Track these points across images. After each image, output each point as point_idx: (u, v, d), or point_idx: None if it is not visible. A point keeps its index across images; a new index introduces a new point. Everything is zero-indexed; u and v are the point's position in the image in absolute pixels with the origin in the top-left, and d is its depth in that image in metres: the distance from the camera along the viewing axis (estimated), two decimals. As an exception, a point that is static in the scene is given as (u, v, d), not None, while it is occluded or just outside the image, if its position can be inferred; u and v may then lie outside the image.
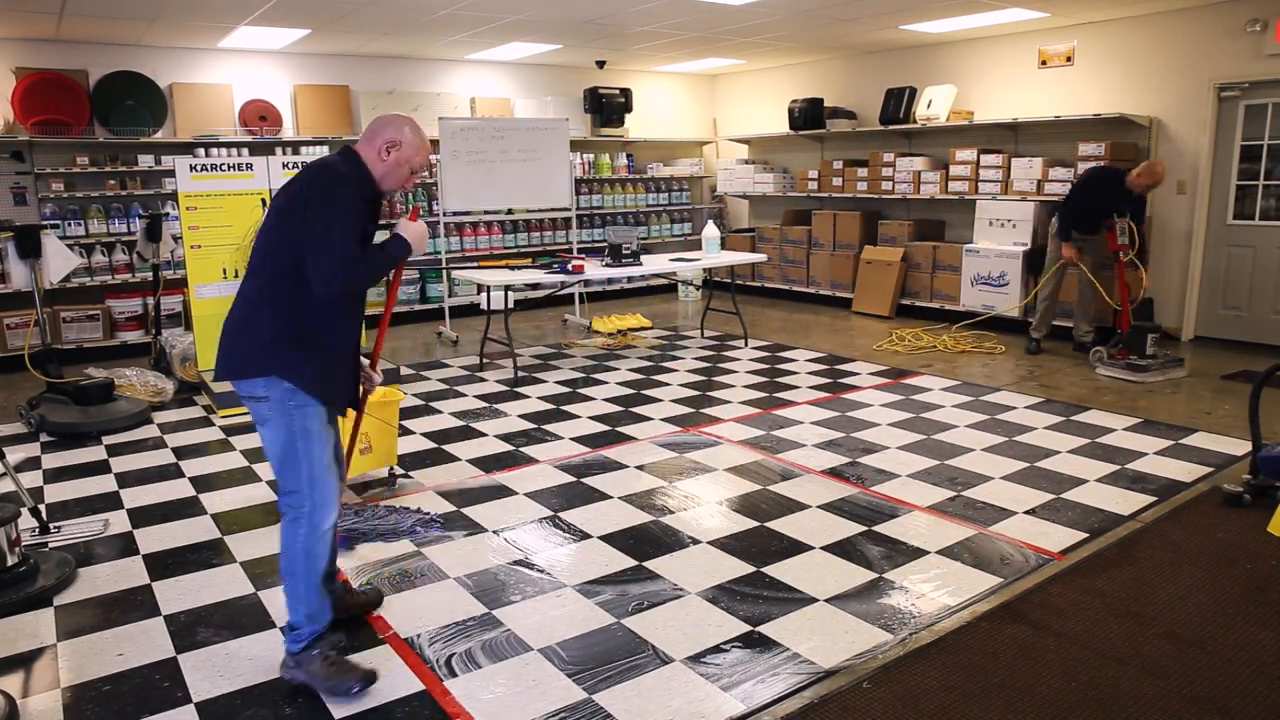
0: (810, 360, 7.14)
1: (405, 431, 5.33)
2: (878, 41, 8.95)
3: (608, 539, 3.75)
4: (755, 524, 3.88)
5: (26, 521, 3.79)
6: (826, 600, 3.19)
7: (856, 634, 2.95)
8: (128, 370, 6.20)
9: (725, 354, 7.45)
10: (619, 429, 5.35)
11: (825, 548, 3.63)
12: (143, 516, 4.11)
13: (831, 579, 3.35)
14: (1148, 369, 6.25)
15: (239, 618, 3.14)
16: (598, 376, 6.71)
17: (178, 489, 4.48)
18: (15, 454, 4.86)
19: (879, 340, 7.86)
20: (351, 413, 4.06)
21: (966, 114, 8.69)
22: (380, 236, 2.79)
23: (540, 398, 6.11)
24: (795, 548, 3.63)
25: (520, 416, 5.65)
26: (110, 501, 4.31)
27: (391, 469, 4.43)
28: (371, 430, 4.19)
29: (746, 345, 7.76)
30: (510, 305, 7.49)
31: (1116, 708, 2.54)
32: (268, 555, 3.65)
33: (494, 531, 3.85)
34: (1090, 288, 7.00)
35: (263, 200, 6.19)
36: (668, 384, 6.44)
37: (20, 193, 7.51)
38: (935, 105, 8.79)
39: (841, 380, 6.43)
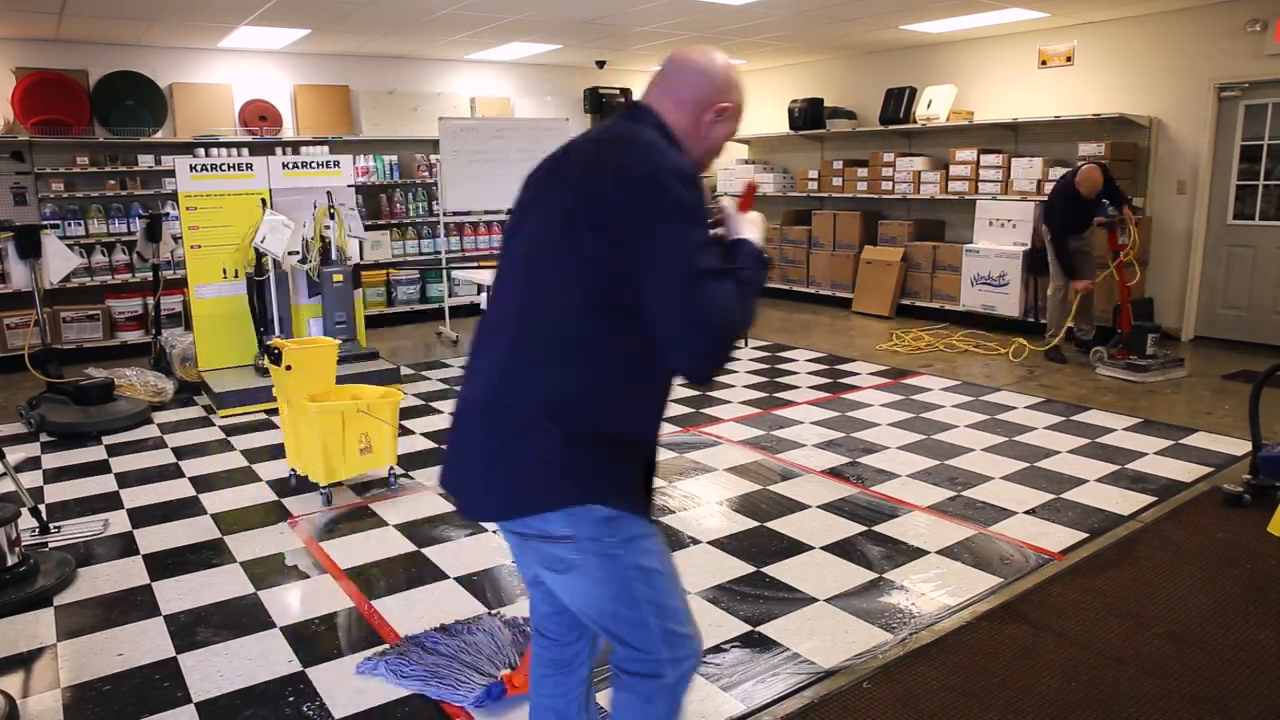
0: (810, 360, 7.14)
1: (405, 431, 5.33)
2: (878, 41, 8.95)
3: (608, 539, 3.74)
4: (755, 524, 3.88)
5: (26, 521, 3.78)
6: (826, 600, 3.19)
7: (856, 634, 2.95)
8: (128, 370, 6.20)
9: (725, 354, 7.44)
10: (619, 429, 5.34)
11: (825, 548, 3.63)
12: (143, 516, 4.11)
13: (831, 579, 3.35)
14: (1148, 369, 6.25)
15: (239, 618, 3.14)
16: (598, 376, 6.70)
17: (178, 489, 4.48)
18: (15, 454, 4.85)
19: (880, 340, 7.86)
20: (358, 413, 4.07)
21: (966, 114, 8.69)
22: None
23: (540, 398, 6.10)
24: (795, 548, 3.63)
25: (520, 416, 5.64)
26: (110, 501, 4.31)
27: (391, 469, 4.43)
28: (371, 430, 4.19)
29: (746, 345, 7.76)
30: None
31: (1116, 708, 2.53)
32: (268, 555, 3.65)
33: (494, 531, 3.85)
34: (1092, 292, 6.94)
35: (263, 200, 6.18)
36: (668, 384, 6.42)
37: (20, 193, 7.51)
38: (935, 105, 8.79)
39: (841, 380, 6.43)
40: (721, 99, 1.75)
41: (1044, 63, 8.25)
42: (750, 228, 1.80)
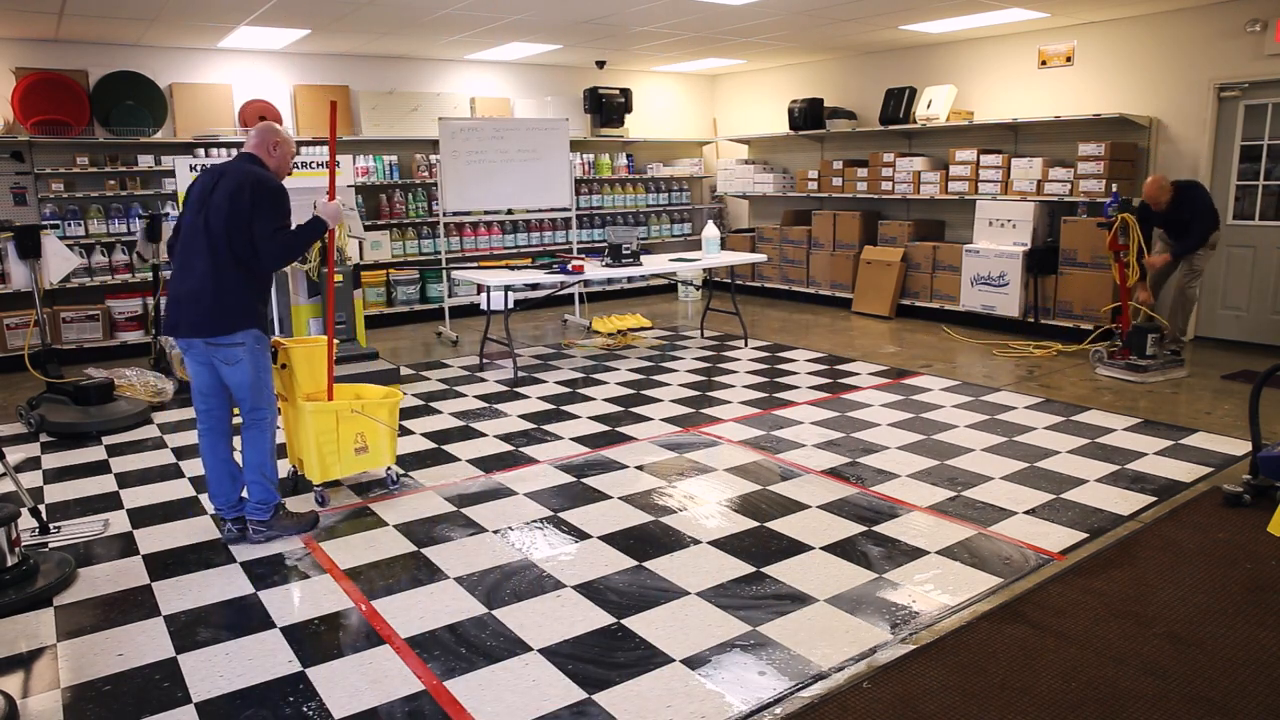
0: (810, 360, 7.14)
1: (405, 432, 5.33)
2: (878, 41, 8.95)
3: (608, 539, 3.75)
4: (755, 524, 3.88)
5: (26, 521, 3.79)
6: (826, 600, 3.19)
7: (856, 634, 2.95)
8: (128, 370, 6.21)
9: (725, 354, 7.45)
10: (619, 429, 5.35)
11: (825, 548, 3.63)
12: (143, 516, 4.11)
13: (831, 579, 3.35)
14: (1148, 369, 6.25)
15: (239, 618, 3.14)
16: (598, 377, 6.71)
17: (178, 489, 4.48)
18: (15, 454, 4.86)
19: (881, 342, 7.86)
20: (353, 413, 4.14)
21: (966, 114, 8.69)
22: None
23: (540, 398, 6.11)
24: (795, 548, 3.63)
25: (520, 417, 5.65)
26: (110, 501, 4.31)
27: (390, 469, 4.43)
28: (367, 430, 4.19)
29: (746, 345, 7.76)
30: (510, 305, 7.49)
31: (1116, 708, 2.54)
32: (268, 555, 3.65)
33: (494, 531, 3.86)
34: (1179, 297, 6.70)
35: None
36: (668, 384, 6.44)
37: (20, 193, 7.51)
38: (935, 105, 8.79)
39: (841, 380, 6.43)
40: (275, 138, 3.72)
41: (1044, 63, 8.26)
42: (324, 208, 3.82)
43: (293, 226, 3.64)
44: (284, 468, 4.58)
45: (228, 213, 3.49)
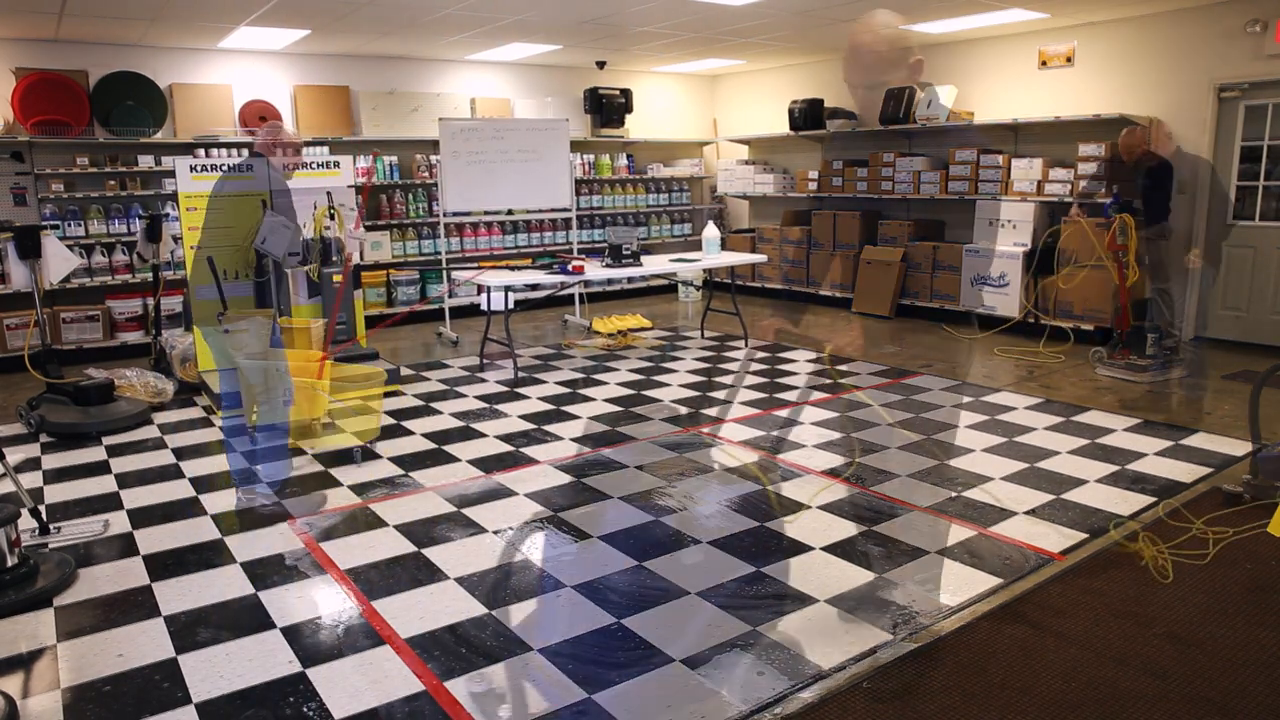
0: (810, 360, 7.14)
1: (405, 432, 5.33)
2: (878, 42, 8.94)
3: (608, 539, 3.75)
4: (755, 524, 3.88)
5: (26, 522, 3.79)
6: (826, 600, 3.19)
7: (856, 634, 2.95)
8: (128, 371, 6.20)
9: (725, 354, 7.45)
10: (619, 429, 5.35)
11: (825, 548, 3.63)
12: (143, 517, 4.11)
13: (831, 579, 3.35)
14: (1148, 369, 6.25)
15: (239, 618, 3.14)
16: (598, 377, 6.71)
17: (178, 489, 4.48)
18: (15, 454, 4.86)
19: (880, 341, 7.86)
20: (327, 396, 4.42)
21: (966, 114, 8.69)
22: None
23: (540, 398, 6.11)
24: (795, 548, 3.63)
25: (520, 417, 5.65)
26: (110, 502, 4.31)
27: (354, 449, 4.72)
28: (336, 410, 4.41)
29: (746, 345, 7.76)
30: (510, 306, 7.49)
31: (1116, 708, 2.53)
32: (268, 556, 3.65)
33: (494, 532, 3.86)
34: (1158, 294, 6.78)
35: (263, 201, 6.18)
36: (668, 384, 6.43)
37: (20, 193, 7.50)
38: (935, 105, 8.78)
39: (841, 380, 6.43)
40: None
41: (1044, 63, 8.25)
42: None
43: (295, 223, 3.77)
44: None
45: None
